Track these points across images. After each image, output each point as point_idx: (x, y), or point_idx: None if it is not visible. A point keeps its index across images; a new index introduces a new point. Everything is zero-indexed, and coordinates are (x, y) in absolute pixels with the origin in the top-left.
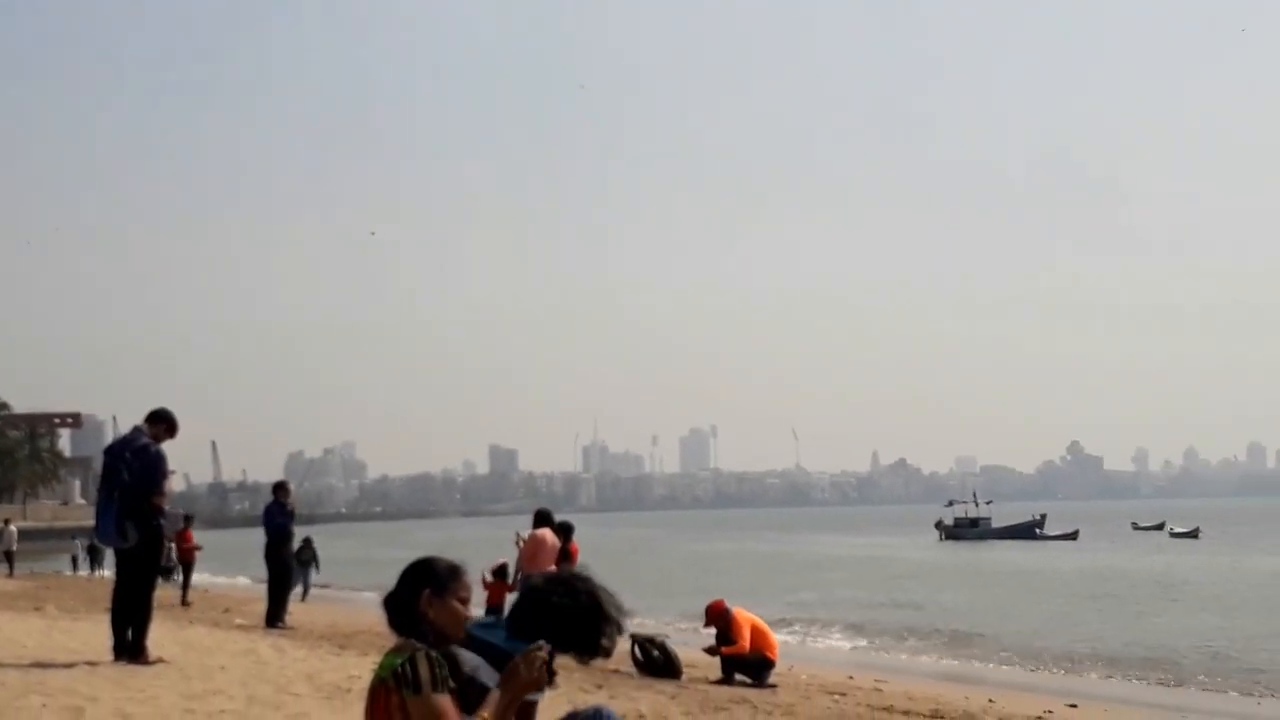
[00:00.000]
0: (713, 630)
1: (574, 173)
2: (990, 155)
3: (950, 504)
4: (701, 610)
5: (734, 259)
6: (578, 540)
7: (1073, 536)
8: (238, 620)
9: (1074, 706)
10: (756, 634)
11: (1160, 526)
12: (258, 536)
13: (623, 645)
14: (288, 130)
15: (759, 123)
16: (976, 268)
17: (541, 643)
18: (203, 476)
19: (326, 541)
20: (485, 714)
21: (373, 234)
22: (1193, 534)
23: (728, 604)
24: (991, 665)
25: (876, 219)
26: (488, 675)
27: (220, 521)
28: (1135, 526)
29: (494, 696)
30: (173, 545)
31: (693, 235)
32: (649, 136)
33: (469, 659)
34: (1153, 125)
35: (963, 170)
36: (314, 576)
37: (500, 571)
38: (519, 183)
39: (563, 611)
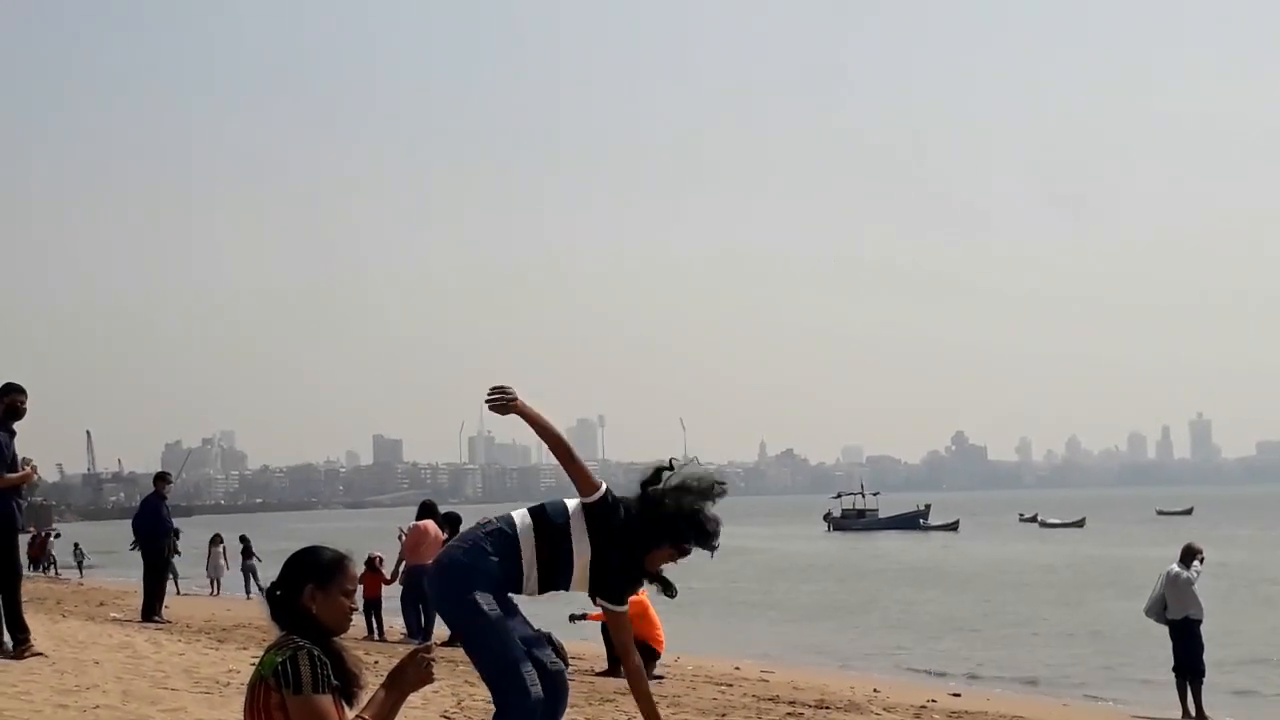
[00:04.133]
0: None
1: (473, 163)
2: (886, 138)
3: (838, 495)
4: (576, 602)
5: (620, 246)
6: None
7: (953, 527)
8: (113, 614)
9: (957, 695)
10: (645, 622)
11: (1033, 518)
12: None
13: None
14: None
15: (646, 104)
16: (862, 254)
17: (430, 644)
18: (77, 467)
19: (203, 534)
20: (368, 715)
21: None
22: (1078, 524)
23: None
24: (878, 657)
25: (769, 200)
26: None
27: (95, 513)
28: (1022, 518)
29: (378, 696)
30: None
31: (577, 223)
32: (555, 121)
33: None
34: (1122, 121)
35: (854, 154)
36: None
37: (369, 563)
38: (406, 172)
39: (677, 511)
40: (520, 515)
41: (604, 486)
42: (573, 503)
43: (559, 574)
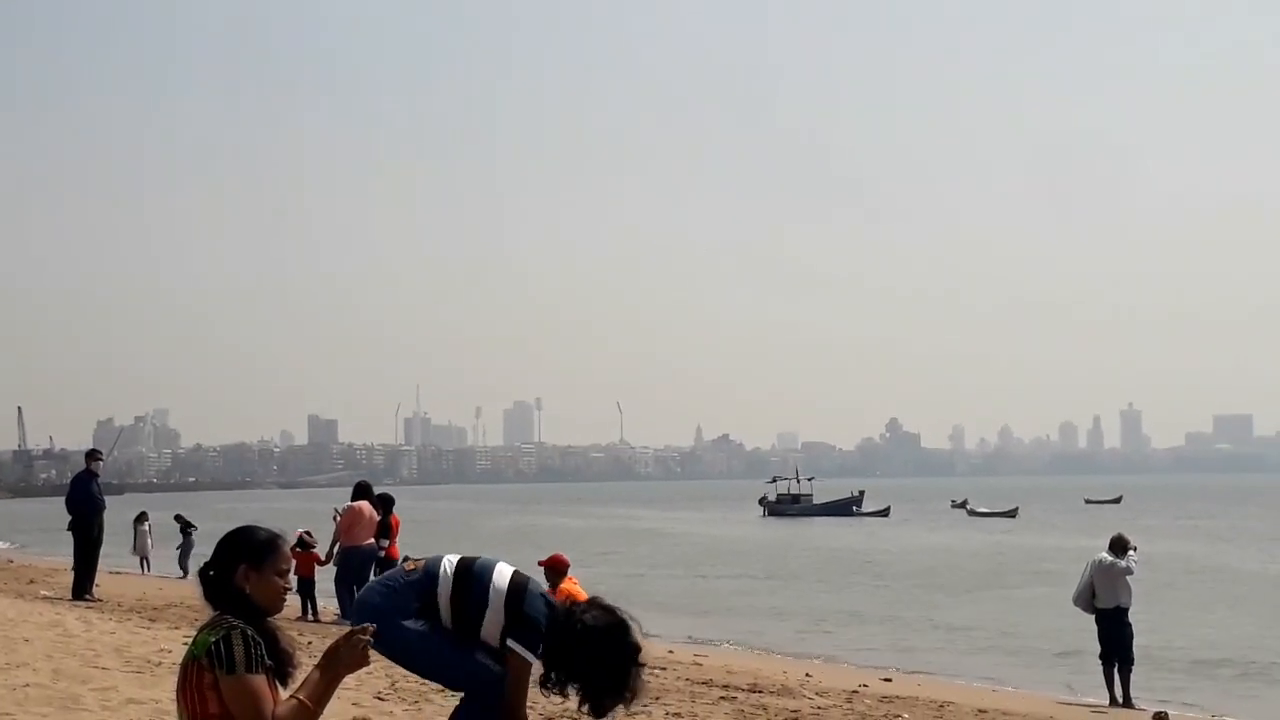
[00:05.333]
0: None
1: (420, 152)
2: (819, 133)
3: (774, 480)
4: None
5: (557, 233)
6: (398, 513)
7: (885, 514)
8: (43, 592)
9: (888, 681)
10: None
11: (964, 505)
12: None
13: None
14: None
15: (587, 95)
16: (802, 241)
17: (367, 625)
18: (7, 443)
19: (132, 512)
20: (302, 695)
21: None
22: (1010, 513)
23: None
24: (809, 643)
25: (702, 188)
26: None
27: (25, 490)
28: (953, 505)
29: (313, 677)
30: None
31: (517, 205)
32: (497, 112)
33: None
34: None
35: (788, 147)
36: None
37: (301, 542)
38: (355, 158)
39: (598, 662)
40: (445, 569)
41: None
42: (501, 579)
43: (470, 632)
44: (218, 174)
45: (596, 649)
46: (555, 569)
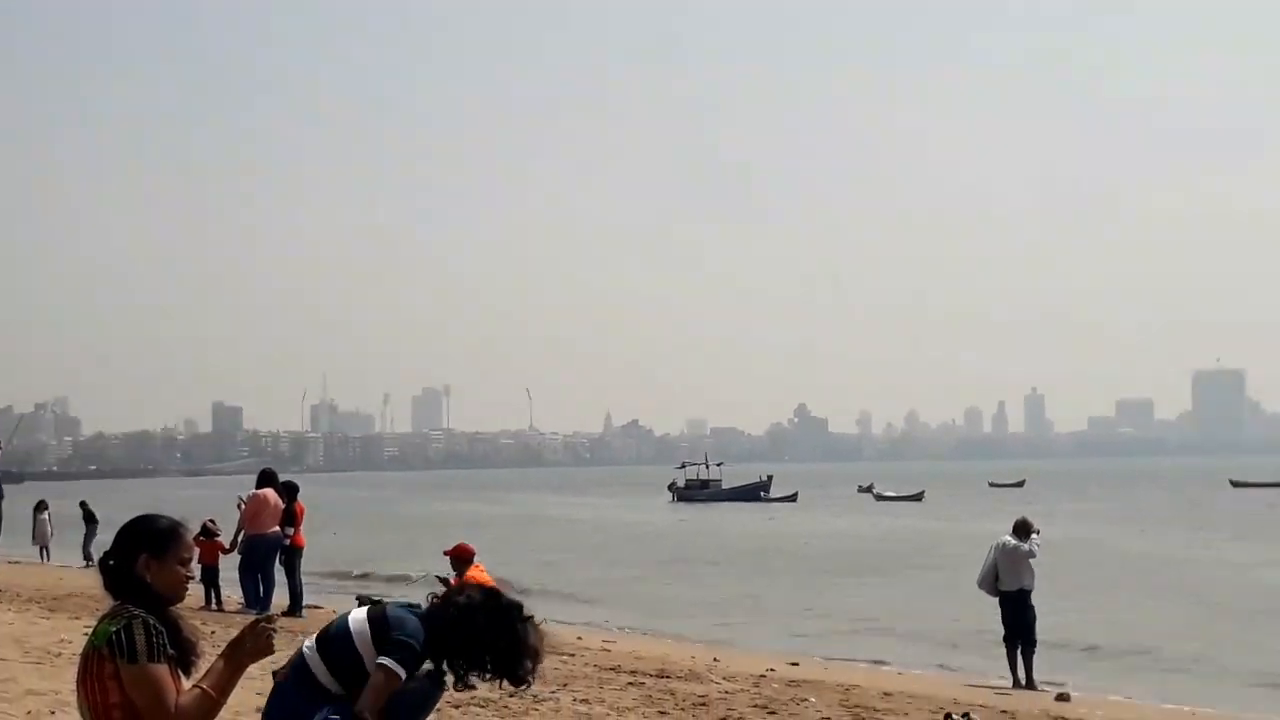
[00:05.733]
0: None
1: (310, 130)
2: (722, 112)
3: (683, 466)
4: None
5: (468, 217)
6: (303, 500)
7: (793, 499)
8: None
9: (795, 665)
10: None
11: (870, 489)
12: None
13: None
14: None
15: (502, 76)
16: (706, 225)
17: (270, 614)
18: None
19: (31, 501)
20: (205, 684)
21: None
22: (916, 496)
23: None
24: (714, 625)
25: (612, 174)
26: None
27: None
28: (860, 489)
29: (217, 666)
30: None
31: (426, 191)
32: (415, 93)
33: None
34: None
35: (693, 127)
36: None
37: (205, 530)
38: (235, 139)
39: (485, 640)
40: (306, 651)
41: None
42: (357, 622)
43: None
44: (127, 159)
45: (477, 622)
46: (460, 557)
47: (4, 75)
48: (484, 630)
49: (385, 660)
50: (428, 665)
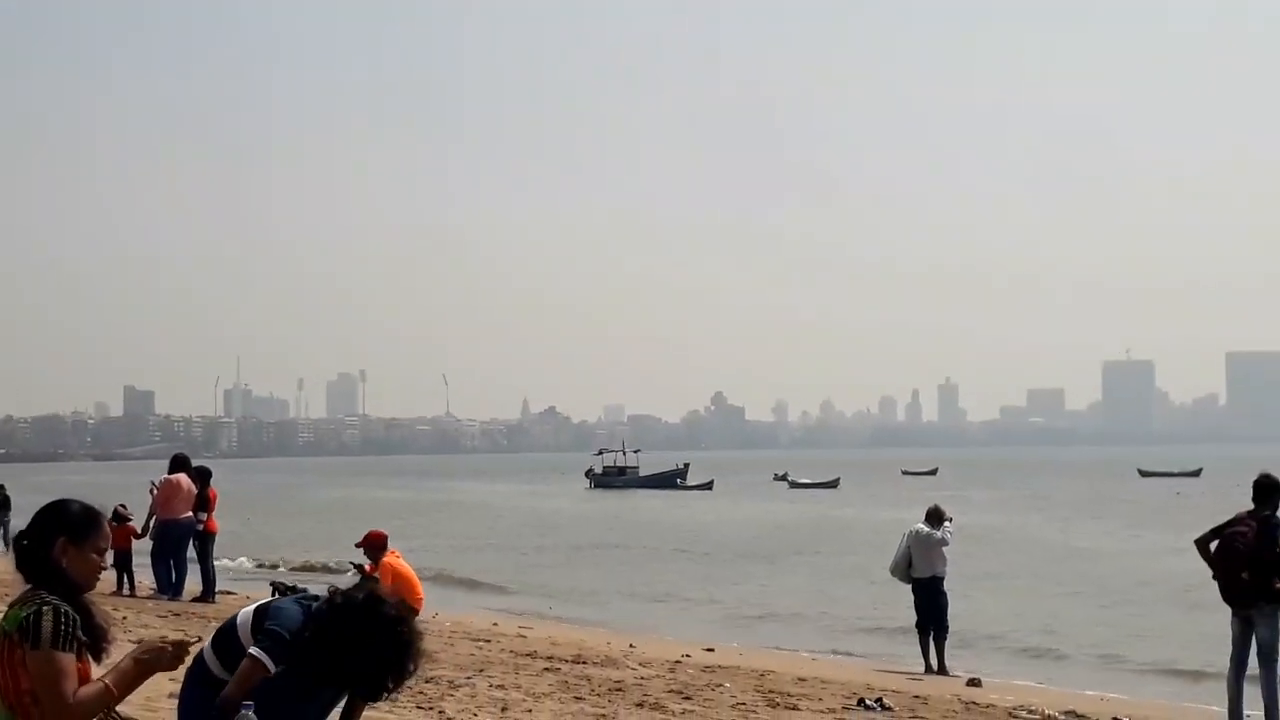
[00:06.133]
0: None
1: (224, 116)
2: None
3: (600, 453)
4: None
5: (379, 199)
6: (216, 486)
7: (708, 486)
8: None
9: (710, 650)
10: (400, 581)
11: (784, 477)
12: None
13: (265, 594)
14: None
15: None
16: (626, 212)
17: (191, 641)
18: None
19: None
20: (109, 680)
21: None
22: (831, 484)
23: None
24: (630, 611)
25: (527, 158)
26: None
27: None
28: (775, 477)
29: (125, 666)
30: None
31: (338, 176)
32: (293, 80)
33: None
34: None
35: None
36: None
37: (116, 515)
38: (148, 125)
39: (365, 656)
40: (205, 651)
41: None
42: (245, 614)
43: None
44: (34, 146)
45: (355, 624)
46: (373, 545)
47: None
48: (363, 631)
49: (253, 649)
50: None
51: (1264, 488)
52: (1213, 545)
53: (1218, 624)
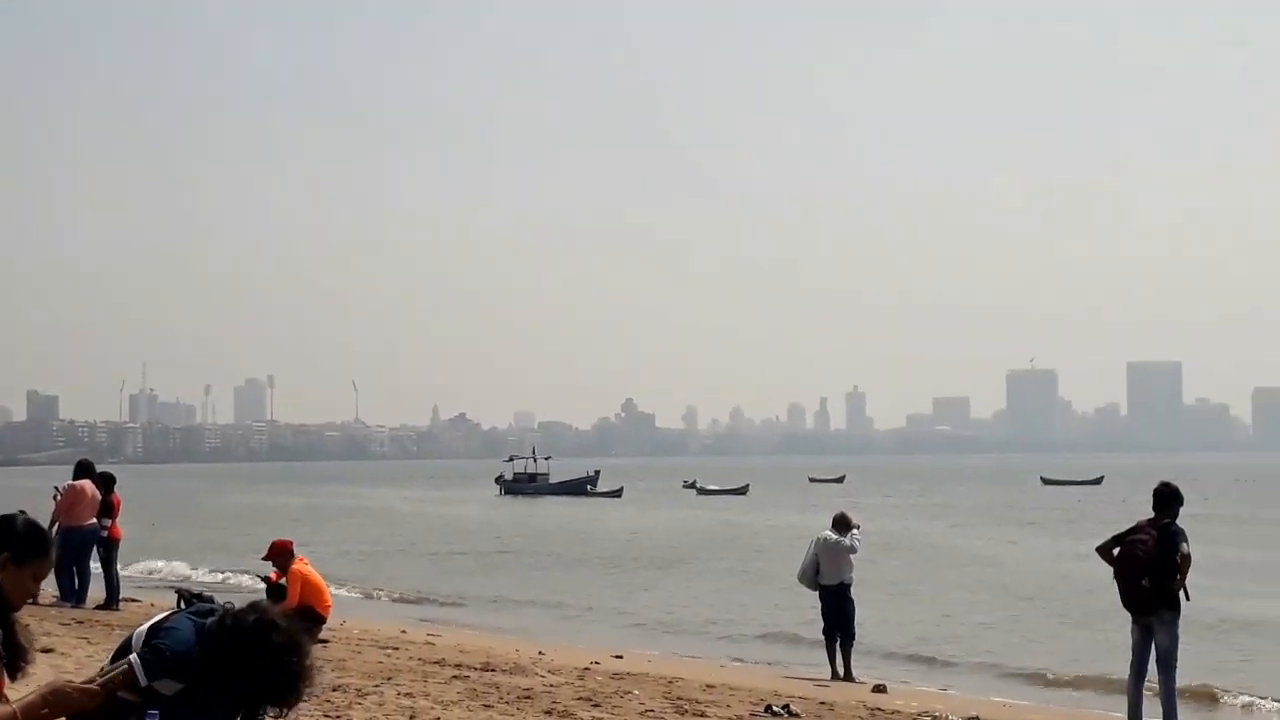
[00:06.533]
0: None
1: (125, 115)
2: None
3: (510, 459)
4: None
5: (289, 201)
6: (121, 492)
7: (618, 494)
8: None
9: (619, 658)
10: (308, 588)
11: (693, 485)
12: None
13: (170, 602)
14: None
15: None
16: (538, 217)
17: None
18: None
19: None
20: (18, 707)
21: None
22: (740, 490)
23: (294, 548)
24: (539, 619)
25: (449, 162)
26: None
27: None
28: (685, 485)
29: (33, 701)
30: None
31: (244, 180)
32: (208, 80)
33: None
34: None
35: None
36: None
37: None
38: (44, 127)
39: (251, 681)
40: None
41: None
42: (142, 629)
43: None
44: None
45: (242, 649)
46: (280, 553)
47: None
48: (244, 659)
49: (133, 655)
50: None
51: (1164, 496)
52: (1115, 552)
53: (1117, 630)
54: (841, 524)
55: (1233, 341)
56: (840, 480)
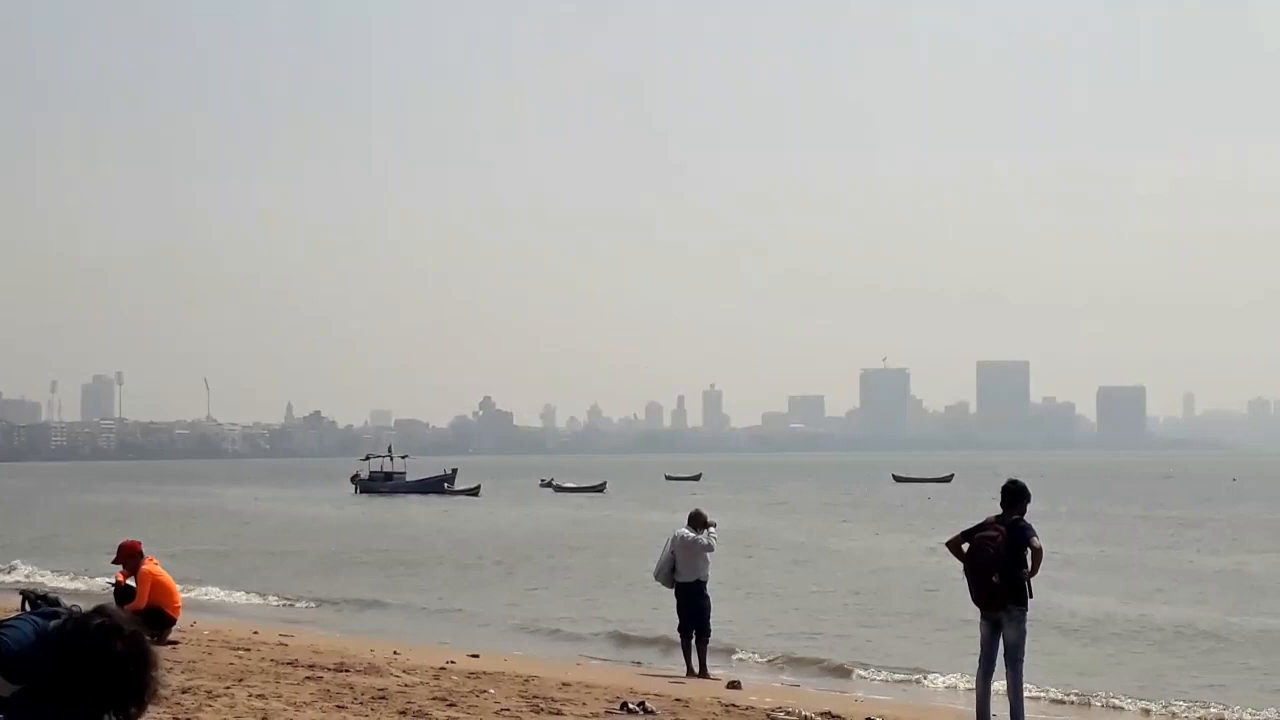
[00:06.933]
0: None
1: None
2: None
3: (367, 458)
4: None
5: (132, 189)
6: None
7: (475, 492)
8: None
9: (475, 657)
10: (158, 589)
11: (550, 483)
12: None
13: (14, 603)
14: None
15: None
16: (398, 213)
17: None
18: None
19: None
20: None
21: None
22: (598, 488)
23: (143, 549)
24: (394, 618)
25: (300, 158)
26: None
27: None
28: (542, 483)
29: None
30: None
31: (93, 162)
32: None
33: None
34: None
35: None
36: None
37: None
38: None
39: (90, 688)
40: None
41: None
42: None
43: None
44: None
45: (82, 656)
46: (129, 555)
47: None
48: (83, 666)
49: None
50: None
51: (1012, 493)
52: (964, 547)
53: (966, 625)
54: (698, 521)
55: (1078, 341)
56: (697, 478)
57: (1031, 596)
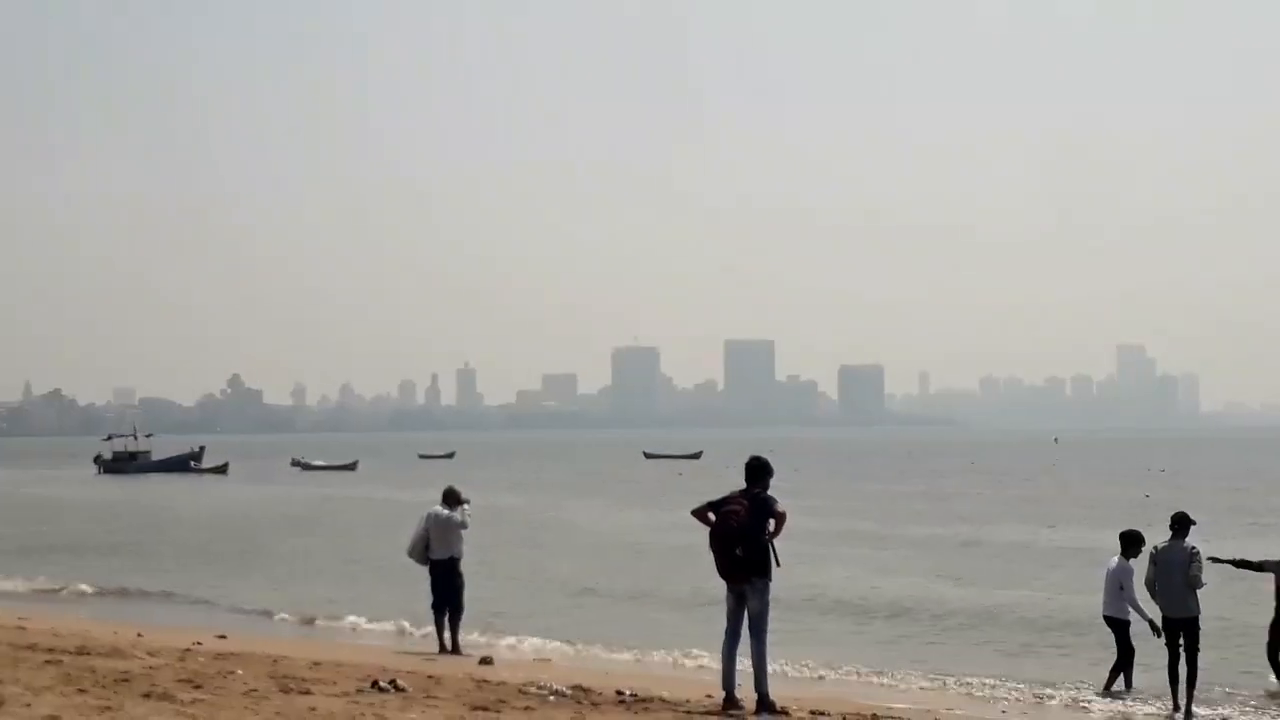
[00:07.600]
0: None
1: None
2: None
3: (109, 438)
4: None
5: None
6: None
7: (223, 470)
8: None
9: (223, 638)
10: None
11: (306, 464)
12: None
13: None
14: None
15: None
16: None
17: None
18: None
19: None
20: None
21: None
22: (349, 466)
23: None
24: (145, 603)
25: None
26: None
27: None
28: (294, 462)
29: None
30: None
31: None
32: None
33: None
34: None
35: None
36: None
37: None
38: None
39: None
40: None
41: None
42: None
43: None
44: None
45: None
46: None
47: None
48: None
49: None
50: None
51: (755, 469)
52: (711, 517)
53: (714, 596)
54: (451, 499)
55: (820, 321)
56: (450, 456)
57: (779, 565)
